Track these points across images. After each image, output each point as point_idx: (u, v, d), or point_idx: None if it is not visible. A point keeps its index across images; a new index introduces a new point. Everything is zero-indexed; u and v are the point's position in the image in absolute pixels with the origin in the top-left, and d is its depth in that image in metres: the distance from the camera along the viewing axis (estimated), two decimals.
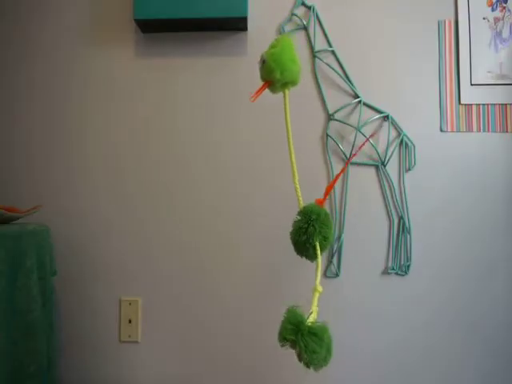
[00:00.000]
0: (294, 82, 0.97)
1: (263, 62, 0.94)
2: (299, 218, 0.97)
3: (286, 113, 0.99)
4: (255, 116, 1.35)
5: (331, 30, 1.35)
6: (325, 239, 0.95)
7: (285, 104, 0.99)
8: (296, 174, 0.98)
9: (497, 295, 1.31)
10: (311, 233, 0.93)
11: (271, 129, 1.34)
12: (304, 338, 0.78)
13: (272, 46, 0.97)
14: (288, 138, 0.98)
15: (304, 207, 0.98)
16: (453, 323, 1.31)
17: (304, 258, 0.97)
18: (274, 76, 0.94)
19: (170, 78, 1.37)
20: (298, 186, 0.99)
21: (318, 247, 0.95)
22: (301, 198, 0.99)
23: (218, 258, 1.34)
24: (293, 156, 0.98)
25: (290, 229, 0.96)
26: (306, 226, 0.94)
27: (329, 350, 0.83)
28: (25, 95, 1.39)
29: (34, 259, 1.08)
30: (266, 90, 0.98)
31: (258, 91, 0.95)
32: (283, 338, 0.79)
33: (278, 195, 1.32)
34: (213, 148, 1.36)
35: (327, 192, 1.06)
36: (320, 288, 0.92)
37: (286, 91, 0.98)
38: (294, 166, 0.99)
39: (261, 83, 0.97)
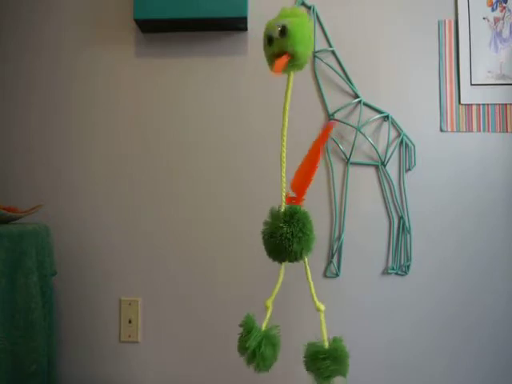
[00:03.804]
0: (302, 65, 0.85)
1: (284, 29, 0.79)
2: (281, 223, 0.87)
3: (286, 98, 0.86)
4: (255, 115, 1.35)
5: (331, 30, 1.35)
6: (310, 246, 0.90)
7: (287, 88, 0.86)
8: (284, 164, 0.90)
9: (497, 295, 1.31)
10: (297, 243, 0.87)
11: (272, 127, 1.34)
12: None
13: (291, 14, 0.82)
14: (284, 122, 0.88)
15: (285, 210, 0.89)
16: (453, 323, 1.31)
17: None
18: (297, 50, 0.79)
19: (170, 78, 1.37)
20: (284, 174, 0.90)
21: (305, 259, 0.90)
22: (284, 185, 0.91)
23: (218, 257, 1.34)
24: (284, 148, 0.89)
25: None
26: (289, 235, 0.86)
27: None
28: (25, 95, 1.39)
29: (34, 259, 1.08)
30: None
31: (281, 63, 0.79)
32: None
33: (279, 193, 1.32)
34: (212, 147, 1.36)
35: (303, 188, 0.92)
36: (322, 306, 0.92)
37: (292, 74, 0.86)
38: (284, 155, 0.91)
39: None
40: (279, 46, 0.80)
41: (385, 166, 1.33)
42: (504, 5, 1.34)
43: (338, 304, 1.32)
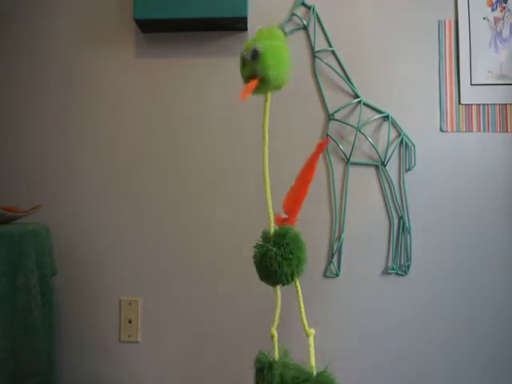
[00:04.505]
0: (281, 87, 0.85)
1: (255, 53, 0.79)
2: (270, 245, 0.84)
3: (264, 119, 0.87)
4: (256, 116, 1.35)
5: (331, 30, 1.35)
6: (301, 268, 0.85)
7: (265, 108, 0.86)
8: (267, 182, 0.89)
9: (497, 294, 1.31)
10: (288, 265, 0.83)
11: (272, 128, 1.34)
12: None
13: (266, 37, 0.81)
14: (264, 145, 0.90)
15: (276, 232, 0.86)
16: (453, 323, 1.31)
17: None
18: (269, 74, 0.79)
19: (170, 78, 1.37)
20: (269, 196, 0.87)
21: (297, 282, 0.86)
22: (271, 207, 0.88)
23: (218, 258, 1.34)
24: (266, 163, 0.89)
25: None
26: (279, 258, 0.83)
27: None
28: (24, 95, 1.39)
29: (34, 259, 1.08)
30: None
31: (248, 89, 0.79)
32: None
33: (278, 195, 1.32)
34: (213, 148, 1.36)
35: (295, 208, 0.90)
36: (311, 330, 0.86)
37: (269, 95, 0.86)
38: (266, 172, 0.90)
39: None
40: (251, 70, 0.80)
41: (385, 165, 1.33)
42: (504, 5, 1.34)
43: (338, 304, 1.32)
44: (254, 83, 0.80)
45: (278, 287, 0.90)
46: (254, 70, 0.79)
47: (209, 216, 1.35)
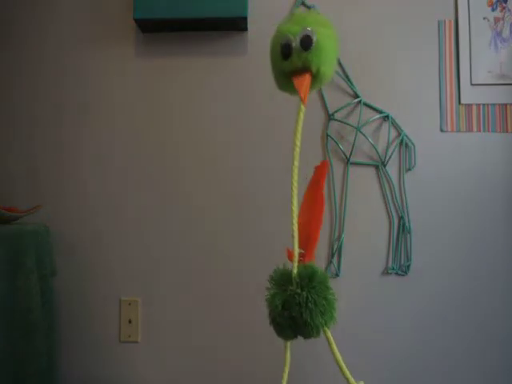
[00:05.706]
0: (323, 85, 0.70)
1: (308, 40, 0.62)
2: (296, 289, 0.67)
3: (296, 130, 0.69)
4: (256, 116, 1.35)
5: None
6: (334, 316, 0.70)
7: (298, 119, 0.69)
8: (295, 209, 0.72)
9: (497, 294, 1.31)
10: (322, 314, 0.68)
11: (272, 128, 1.34)
12: None
13: (315, 22, 0.65)
14: (294, 154, 0.71)
15: (300, 272, 0.70)
16: (453, 323, 1.31)
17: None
18: (322, 69, 0.63)
19: (170, 78, 1.37)
20: (295, 227, 0.70)
21: (328, 333, 0.70)
22: (296, 244, 0.72)
23: (218, 258, 1.34)
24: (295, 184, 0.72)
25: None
26: (311, 305, 0.67)
27: None
28: (25, 95, 1.39)
29: (34, 259, 1.08)
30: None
31: (307, 88, 0.63)
32: None
33: (279, 195, 1.32)
34: (212, 148, 1.36)
35: (310, 246, 0.75)
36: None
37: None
38: (295, 196, 0.72)
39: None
40: (302, 61, 0.63)
41: (385, 166, 1.33)
42: (504, 5, 1.34)
43: (338, 304, 1.31)
44: (309, 79, 0.64)
45: (289, 342, 0.73)
46: (306, 63, 0.63)
47: (209, 216, 1.35)
